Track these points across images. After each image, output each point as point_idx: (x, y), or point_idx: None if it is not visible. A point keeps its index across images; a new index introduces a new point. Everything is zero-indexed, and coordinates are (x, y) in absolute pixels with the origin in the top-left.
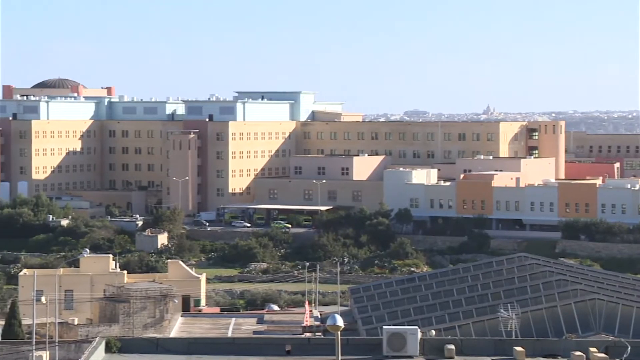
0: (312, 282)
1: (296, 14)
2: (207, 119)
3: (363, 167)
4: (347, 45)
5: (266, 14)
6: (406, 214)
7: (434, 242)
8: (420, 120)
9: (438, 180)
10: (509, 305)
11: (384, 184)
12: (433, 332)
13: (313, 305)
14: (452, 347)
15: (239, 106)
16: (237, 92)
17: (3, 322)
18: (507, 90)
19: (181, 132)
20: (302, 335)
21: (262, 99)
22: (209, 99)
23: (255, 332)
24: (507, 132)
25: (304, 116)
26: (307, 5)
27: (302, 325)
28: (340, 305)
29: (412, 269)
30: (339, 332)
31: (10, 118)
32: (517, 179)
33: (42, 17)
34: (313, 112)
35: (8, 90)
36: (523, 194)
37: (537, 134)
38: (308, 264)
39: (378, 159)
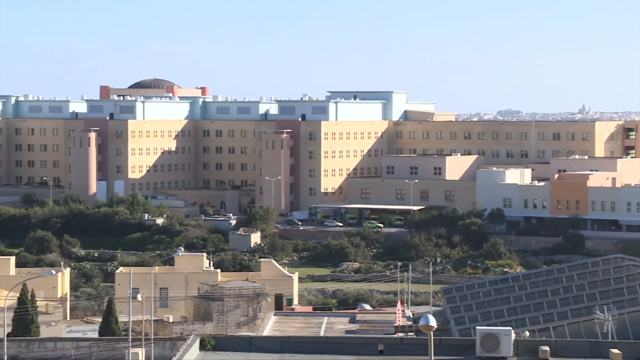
0: (404, 281)
1: (388, 14)
2: (300, 119)
3: (456, 166)
4: (440, 45)
5: (359, 13)
6: (499, 214)
7: (528, 242)
8: (514, 120)
9: (532, 180)
10: (605, 306)
11: (476, 183)
12: (527, 333)
13: (405, 305)
14: (547, 348)
15: (331, 106)
16: (329, 91)
17: (100, 319)
18: (603, 89)
19: (274, 131)
20: (395, 335)
21: (355, 99)
22: (302, 98)
23: (347, 332)
24: (603, 131)
25: (396, 116)
26: (400, 5)
27: (395, 325)
28: (433, 306)
29: (505, 269)
30: (431, 333)
31: (108, 118)
32: (613, 179)
33: (139, 19)
34: (405, 112)
35: (105, 91)
36: (619, 194)
37: (634, 133)
38: (400, 263)
39: (471, 159)
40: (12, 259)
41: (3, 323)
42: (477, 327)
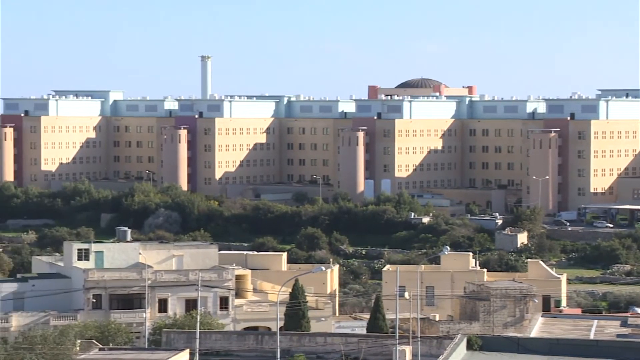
0: None
1: None
2: (569, 118)
3: None
4: None
5: (632, 8)
6: None
7: None
8: None
9: None
10: None
11: None
12: None
13: None
14: None
15: (602, 104)
16: (600, 89)
17: (368, 316)
18: None
19: (542, 130)
20: None
21: (627, 97)
22: (571, 97)
23: (618, 335)
24: None
25: None
26: None
27: None
28: None
29: None
30: None
31: (375, 117)
32: None
33: (407, 19)
34: None
35: (373, 91)
36: None
37: None
38: None
39: None
40: (284, 255)
41: (276, 317)
42: None
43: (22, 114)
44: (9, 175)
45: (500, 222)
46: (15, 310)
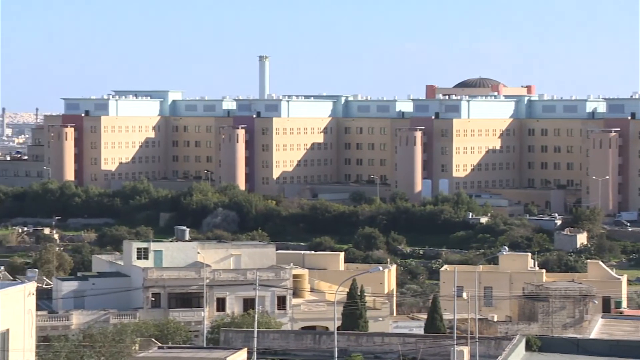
0: None
1: None
2: (629, 117)
3: None
4: None
5: None
6: None
7: None
8: None
9: None
10: None
11: None
12: None
13: None
14: None
15: None
16: None
17: (426, 316)
18: None
19: (602, 130)
20: None
21: None
22: (631, 96)
23: None
24: None
25: None
26: None
27: None
28: None
29: None
30: None
31: (433, 117)
32: None
33: (466, 18)
34: None
35: (431, 90)
36: None
37: None
38: None
39: None
40: (341, 254)
41: (334, 316)
42: None
43: (83, 114)
44: (70, 175)
45: (559, 222)
46: (75, 308)
